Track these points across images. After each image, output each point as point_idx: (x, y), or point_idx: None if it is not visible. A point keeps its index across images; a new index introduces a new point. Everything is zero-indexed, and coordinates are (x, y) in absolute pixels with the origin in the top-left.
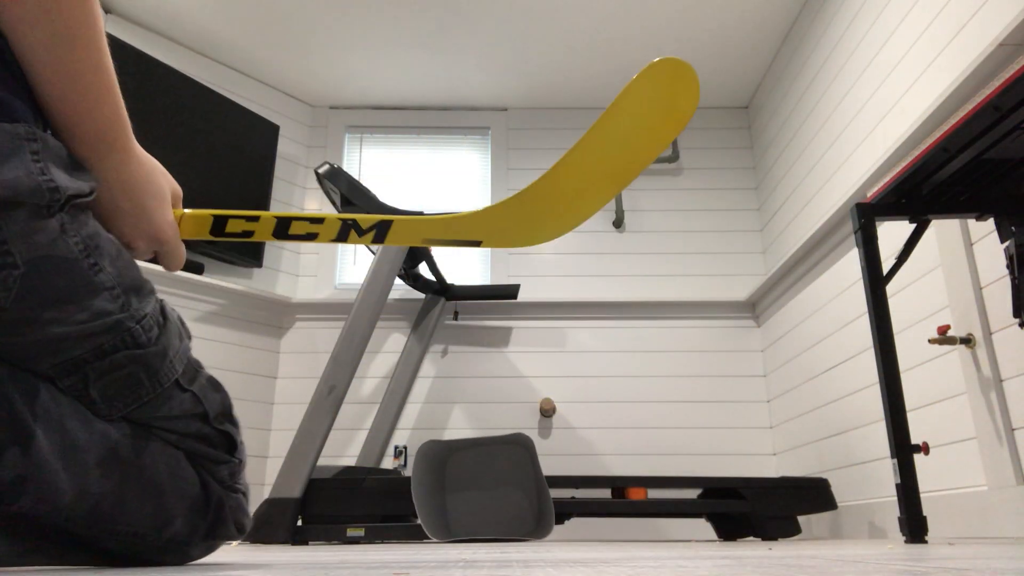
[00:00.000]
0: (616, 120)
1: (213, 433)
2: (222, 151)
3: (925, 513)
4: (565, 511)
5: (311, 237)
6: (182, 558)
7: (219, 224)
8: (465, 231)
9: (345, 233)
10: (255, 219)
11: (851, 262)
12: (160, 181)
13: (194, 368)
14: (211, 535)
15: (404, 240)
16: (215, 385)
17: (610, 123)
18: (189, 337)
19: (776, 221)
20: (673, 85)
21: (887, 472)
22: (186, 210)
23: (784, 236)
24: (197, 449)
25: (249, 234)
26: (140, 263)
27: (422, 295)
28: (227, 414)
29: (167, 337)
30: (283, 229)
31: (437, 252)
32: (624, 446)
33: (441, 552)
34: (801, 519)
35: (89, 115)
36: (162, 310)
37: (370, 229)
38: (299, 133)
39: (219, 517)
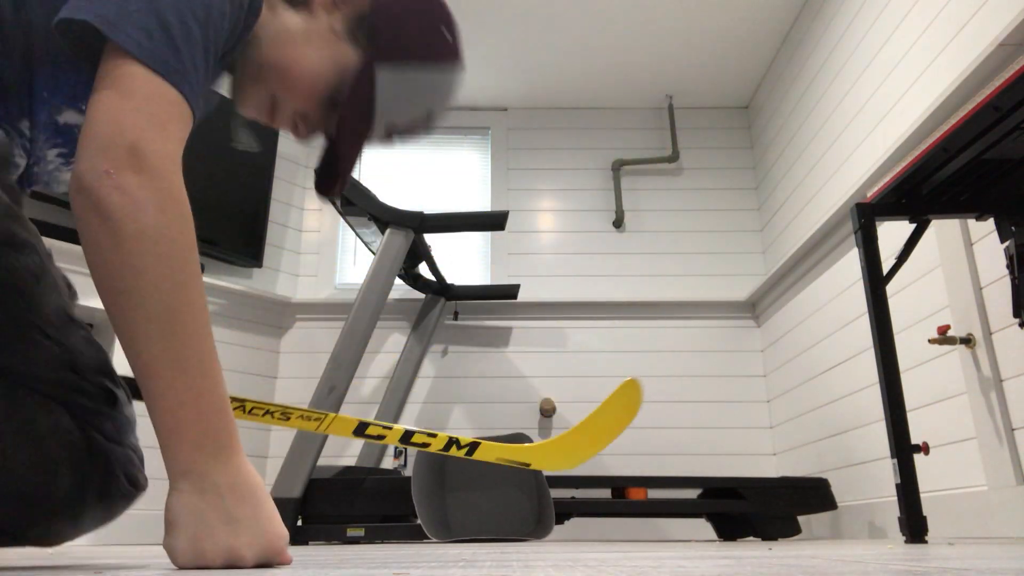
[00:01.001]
0: (600, 415)
1: (88, 386)
2: (222, 151)
3: (925, 513)
4: (565, 511)
5: (425, 446)
6: (76, 524)
7: (360, 429)
8: (517, 457)
9: (449, 446)
10: (388, 428)
11: (851, 262)
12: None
13: (68, 323)
14: (104, 493)
15: (484, 457)
16: (91, 343)
17: (597, 416)
18: (74, 298)
19: (776, 221)
20: (633, 394)
21: (887, 472)
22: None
23: (784, 236)
24: (72, 399)
25: (381, 437)
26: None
27: (422, 295)
28: (104, 371)
29: (40, 289)
30: (408, 437)
31: (437, 252)
32: (624, 446)
33: (441, 552)
34: (801, 519)
35: (196, 411)
36: (43, 266)
37: (466, 446)
38: None
39: (108, 470)
